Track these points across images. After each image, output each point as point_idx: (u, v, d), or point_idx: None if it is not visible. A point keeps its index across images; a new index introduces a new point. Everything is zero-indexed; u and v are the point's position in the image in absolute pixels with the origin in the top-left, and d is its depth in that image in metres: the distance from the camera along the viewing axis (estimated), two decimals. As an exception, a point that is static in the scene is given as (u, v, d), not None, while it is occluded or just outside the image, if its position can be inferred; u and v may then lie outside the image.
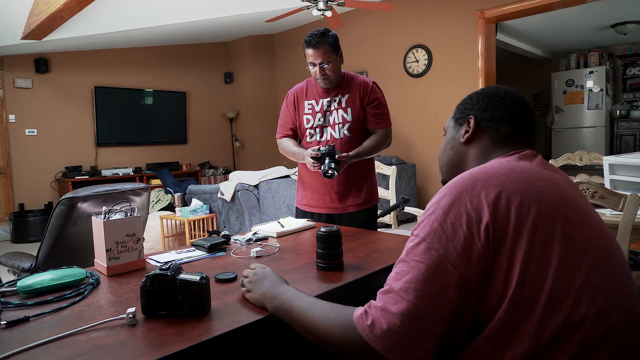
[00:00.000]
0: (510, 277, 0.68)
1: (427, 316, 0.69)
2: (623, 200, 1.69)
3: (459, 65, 5.09)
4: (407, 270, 0.72)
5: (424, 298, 0.69)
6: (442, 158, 1.00)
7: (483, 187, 0.74)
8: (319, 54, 1.95)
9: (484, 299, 0.70)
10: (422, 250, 0.72)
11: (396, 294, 0.71)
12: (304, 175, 2.17)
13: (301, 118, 2.11)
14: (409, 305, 0.69)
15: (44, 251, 2.15)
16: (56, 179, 5.90)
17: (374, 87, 2.09)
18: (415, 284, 0.70)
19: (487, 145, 0.91)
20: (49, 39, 4.79)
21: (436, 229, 0.72)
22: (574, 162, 3.16)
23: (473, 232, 0.70)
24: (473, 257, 0.69)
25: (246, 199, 4.10)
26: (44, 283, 1.08)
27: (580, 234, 0.73)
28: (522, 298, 0.67)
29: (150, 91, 6.68)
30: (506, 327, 0.68)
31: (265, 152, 7.26)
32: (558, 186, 0.78)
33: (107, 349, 0.80)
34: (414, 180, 5.20)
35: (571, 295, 0.67)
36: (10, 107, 5.58)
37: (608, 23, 6.43)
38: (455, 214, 0.72)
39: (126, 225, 1.24)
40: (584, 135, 7.83)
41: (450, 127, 0.99)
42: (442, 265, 0.69)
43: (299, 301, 0.88)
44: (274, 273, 1.02)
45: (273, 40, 7.33)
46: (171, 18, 5.17)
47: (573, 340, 0.66)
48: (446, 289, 0.69)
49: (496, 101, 0.92)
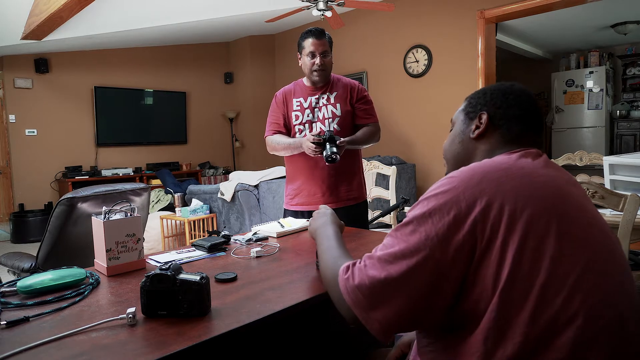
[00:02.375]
0: (502, 271, 0.69)
1: (393, 289, 0.74)
2: (623, 200, 1.69)
3: (459, 66, 5.09)
4: (391, 244, 0.77)
5: (396, 272, 0.74)
6: (449, 151, 1.00)
7: (479, 182, 0.75)
8: (321, 43, 2.06)
9: (471, 292, 0.71)
10: (409, 231, 0.76)
11: (375, 261, 0.77)
12: (294, 172, 2.19)
13: (290, 115, 2.15)
14: (381, 274, 0.75)
15: (44, 251, 2.15)
16: (56, 179, 5.90)
17: (360, 86, 2.18)
18: (393, 258, 0.75)
19: (497, 142, 0.91)
20: (49, 39, 4.79)
21: (424, 213, 0.75)
22: (574, 162, 3.16)
23: (458, 222, 0.72)
24: (452, 245, 0.72)
25: (246, 199, 4.10)
26: (44, 283, 1.08)
27: (577, 230, 0.73)
28: (513, 292, 0.68)
29: (150, 91, 6.68)
30: (498, 322, 0.68)
31: (265, 152, 7.22)
32: (557, 184, 0.79)
33: (107, 349, 0.80)
34: (414, 180, 5.20)
35: (564, 291, 0.68)
36: (10, 107, 5.58)
37: (608, 23, 6.43)
38: (446, 203, 0.74)
39: (126, 225, 1.24)
40: (584, 135, 7.83)
41: (459, 120, 0.98)
42: (422, 247, 0.73)
43: (324, 244, 1.02)
44: (331, 215, 1.17)
45: (273, 40, 7.33)
46: (171, 18, 5.17)
47: (566, 336, 0.66)
48: (420, 270, 0.73)
49: (511, 99, 0.91)
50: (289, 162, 2.20)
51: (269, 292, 1.07)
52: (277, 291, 1.08)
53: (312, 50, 2.05)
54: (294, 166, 2.17)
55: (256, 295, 1.06)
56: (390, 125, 5.61)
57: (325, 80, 2.13)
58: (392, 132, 5.63)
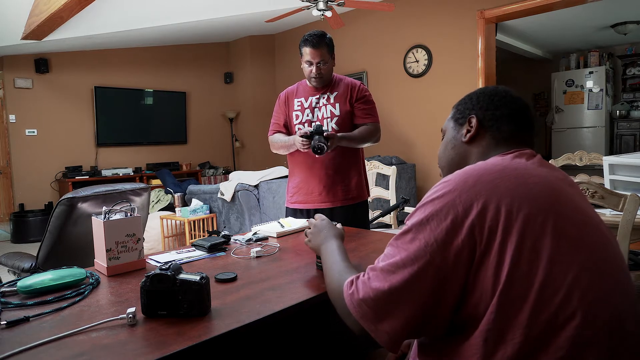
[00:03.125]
0: (500, 272, 0.69)
1: (398, 298, 0.74)
2: (623, 200, 1.69)
3: (459, 65, 5.09)
4: (392, 254, 0.78)
5: (399, 282, 0.74)
6: (443, 158, 1.01)
7: (474, 184, 0.75)
8: (318, 53, 2.04)
9: (472, 295, 0.72)
10: (408, 239, 0.77)
11: (378, 272, 0.78)
12: (293, 170, 2.22)
13: (291, 115, 2.18)
14: (385, 285, 0.75)
15: (44, 251, 2.15)
16: (56, 179, 5.90)
17: (361, 86, 2.18)
18: (395, 267, 0.76)
19: (489, 144, 0.91)
20: (49, 39, 4.79)
21: (422, 220, 0.76)
22: (574, 162, 3.16)
23: (456, 227, 0.72)
24: (452, 249, 0.72)
25: (246, 199, 4.10)
26: (44, 283, 1.08)
27: (573, 230, 0.73)
28: (512, 292, 0.68)
29: (150, 91, 6.68)
30: (498, 323, 0.68)
31: (265, 152, 7.25)
32: (552, 183, 0.79)
33: (107, 349, 0.80)
34: (414, 180, 5.20)
35: (562, 290, 0.68)
36: (10, 107, 5.58)
37: (608, 23, 6.43)
38: (442, 208, 0.75)
39: (126, 225, 1.24)
40: (584, 136, 7.82)
41: (449, 127, 1.00)
42: (422, 254, 0.74)
43: (329, 259, 1.04)
44: (328, 226, 1.19)
45: (273, 40, 7.33)
46: (171, 18, 5.17)
47: (564, 335, 0.66)
48: (422, 277, 0.73)
49: (497, 100, 0.92)
50: (290, 161, 2.23)
51: (269, 292, 1.07)
52: (277, 291, 1.08)
53: (308, 59, 2.06)
54: (294, 164, 2.21)
55: (256, 295, 1.06)
56: (390, 125, 5.61)
57: (324, 84, 2.14)
58: (392, 132, 5.63)
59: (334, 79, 2.18)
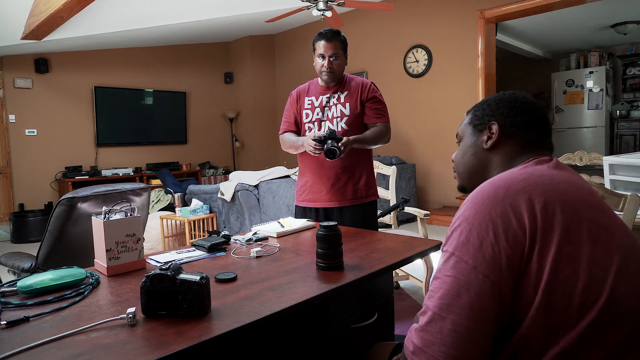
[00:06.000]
0: (540, 279, 0.68)
1: (468, 332, 0.68)
2: (623, 200, 1.69)
3: (459, 65, 5.09)
4: (439, 287, 0.72)
5: (460, 313, 0.69)
6: (462, 165, 0.99)
7: (505, 194, 0.74)
8: (331, 46, 2.08)
9: (516, 305, 0.70)
10: (452, 264, 0.72)
11: (433, 314, 0.71)
12: (303, 168, 2.22)
13: (301, 113, 2.19)
14: (449, 324, 0.69)
15: (44, 251, 2.15)
16: (56, 179, 5.90)
17: (372, 86, 2.18)
18: (448, 298, 0.70)
19: (512, 151, 0.91)
20: (49, 39, 4.79)
21: (463, 241, 0.72)
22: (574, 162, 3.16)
23: (500, 239, 0.70)
24: (503, 264, 0.69)
25: (246, 199, 4.10)
26: (44, 283, 1.08)
27: (603, 233, 0.73)
28: (553, 299, 0.68)
29: (150, 91, 6.68)
30: (537, 330, 0.68)
31: (265, 152, 7.26)
32: (577, 187, 0.79)
33: (107, 349, 0.80)
34: (414, 180, 5.20)
35: (605, 292, 0.68)
36: (10, 107, 5.58)
37: (608, 23, 6.43)
38: (480, 224, 0.72)
39: (126, 225, 1.24)
40: (584, 135, 7.82)
41: (467, 133, 0.98)
42: (473, 276, 0.70)
43: None
44: None
45: (273, 40, 7.33)
46: (171, 18, 5.17)
47: (614, 335, 0.67)
48: (481, 300, 0.69)
49: (518, 107, 0.92)
50: (300, 159, 2.24)
51: (269, 292, 1.07)
52: (277, 291, 1.08)
53: (321, 53, 2.08)
54: (304, 163, 2.22)
55: (256, 295, 1.05)
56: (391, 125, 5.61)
57: (335, 81, 2.14)
58: (392, 132, 5.60)
59: (345, 78, 2.18)
